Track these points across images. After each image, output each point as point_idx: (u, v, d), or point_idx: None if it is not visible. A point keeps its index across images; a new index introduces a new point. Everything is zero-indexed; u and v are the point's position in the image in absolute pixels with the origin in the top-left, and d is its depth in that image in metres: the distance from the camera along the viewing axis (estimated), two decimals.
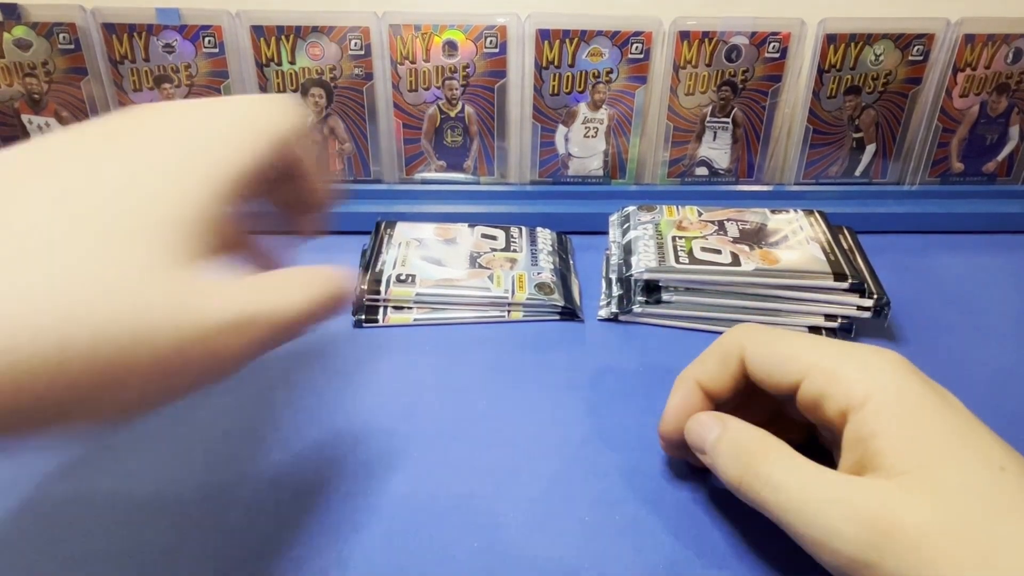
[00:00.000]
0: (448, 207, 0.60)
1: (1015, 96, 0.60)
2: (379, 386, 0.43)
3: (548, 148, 0.61)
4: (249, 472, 0.37)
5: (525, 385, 0.43)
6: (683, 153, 0.62)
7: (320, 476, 0.37)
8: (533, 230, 0.56)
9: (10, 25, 0.55)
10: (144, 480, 0.37)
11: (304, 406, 0.42)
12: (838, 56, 0.57)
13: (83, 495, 0.36)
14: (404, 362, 0.45)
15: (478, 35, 0.56)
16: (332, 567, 0.33)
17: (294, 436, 0.40)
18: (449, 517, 0.35)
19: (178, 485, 0.37)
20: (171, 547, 0.34)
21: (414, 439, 0.39)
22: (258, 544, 0.34)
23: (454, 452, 0.39)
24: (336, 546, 0.34)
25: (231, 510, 0.35)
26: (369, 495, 0.36)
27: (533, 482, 0.37)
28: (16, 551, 0.33)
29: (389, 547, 0.34)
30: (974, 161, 0.62)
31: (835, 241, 0.50)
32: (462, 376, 0.44)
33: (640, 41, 0.57)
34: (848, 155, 0.62)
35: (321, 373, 0.44)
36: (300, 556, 0.33)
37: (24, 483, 0.37)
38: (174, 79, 0.57)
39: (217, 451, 0.39)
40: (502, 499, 0.36)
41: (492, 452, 0.39)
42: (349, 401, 0.42)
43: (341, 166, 0.61)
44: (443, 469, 0.38)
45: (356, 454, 0.39)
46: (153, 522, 0.35)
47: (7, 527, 0.34)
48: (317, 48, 0.56)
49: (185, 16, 0.55)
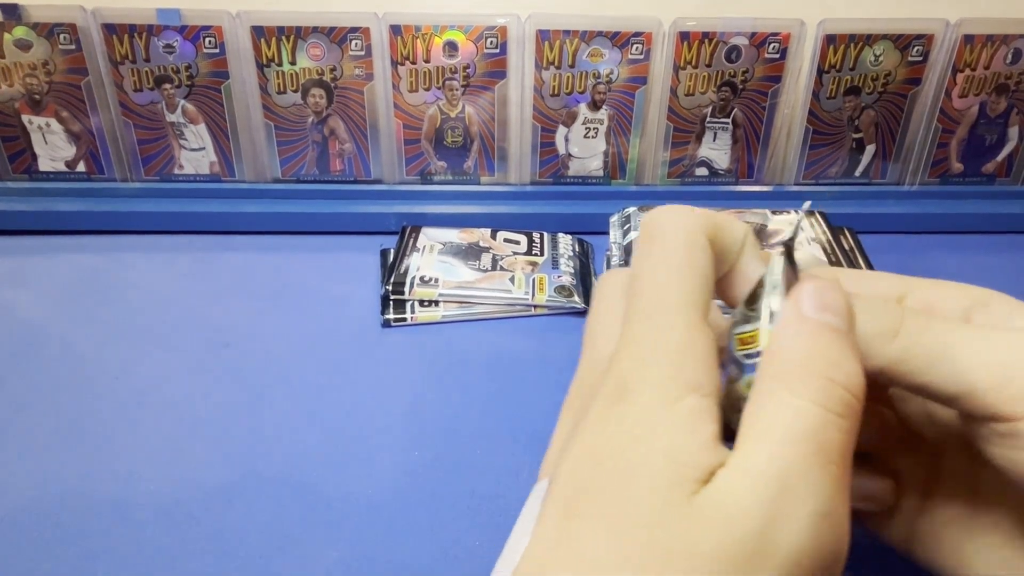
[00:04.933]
0: (448, 207, 0.60)
1: (1014, 97, 0.60)
2: (399, 385, 0.43)
3: (548, 148, 0.61)
4: (250, 472, 0.37)
5: (541, 380, 0.43)
6: (683, 153, 0.62)
7: (321, 476, 0.37)
8: (555, 235, 0.57)
9: (11, 25, 0.55)
10: (144, 480, 0.37)
11: (307, 405, 0.42)
12: (838, 57, 0.58)
13: (84, 495, 0.36)
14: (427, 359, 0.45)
15: (478, 36, 0.56)
16: (335, 567, 0.33)
17: (296, 434, 0.40)
18: (464, 516, 0.35)
19: (178, 485, 0.37)
20: (171, 547, 0.34)
21: (422, 437, 0.40)
22: (259, 544, 0.34)
23: (469, 451, 0.39)
24: (338, 546, 0.34)
25: (231, 510, 0.35)
26: (372, 495, 0.36)
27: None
28: (16, 551, 0.33)
29: (391, 546, 0.34)
30: (973, 161, 0.62)
31: (836, 242, 0.50)
32: (470, 375, 0.44)
33: (640, 41, 0.57)
34: (848, 155, 0.62)
35: (343, 372, 0.44)
36: (303, 555, 0.33)
37: (24, 483, 0.37)
38: (174, 79, 0.57)
39: (218, 451, 0.39)
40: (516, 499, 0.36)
41: (508, 449, 0.39)
42: (363, 400, 0.42)
43: (341, 166, 0.61)
44: (455, 468, 0.38)
45: (358, 453, 0.39)
46: (153, 522, 0.35)
47: (7, 527, 0.34)
48: (317, 48, 0.56)
49: (185, 16, 0.55)
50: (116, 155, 0.60)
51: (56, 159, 0.60)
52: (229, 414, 0.41)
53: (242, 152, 0.60)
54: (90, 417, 0.41)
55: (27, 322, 0.48)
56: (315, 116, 0.59)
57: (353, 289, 0.52)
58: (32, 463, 0.38)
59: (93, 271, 0.54)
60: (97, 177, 0.61)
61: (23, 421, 0.41)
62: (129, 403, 0.42)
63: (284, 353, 0.46)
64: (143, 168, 0.60)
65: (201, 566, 0.33)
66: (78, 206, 0.59)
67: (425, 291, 0.49)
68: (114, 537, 0.34)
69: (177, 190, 0.60)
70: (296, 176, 0.61)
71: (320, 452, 0.39)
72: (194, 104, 0.58)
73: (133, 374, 0.44)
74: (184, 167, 0.61)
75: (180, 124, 0.59)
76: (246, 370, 0.44)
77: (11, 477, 0.37)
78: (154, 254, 0.56)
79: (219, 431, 0.40)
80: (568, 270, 0.52)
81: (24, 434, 0.40)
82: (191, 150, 0.60)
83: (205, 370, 0.44)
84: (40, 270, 0.54)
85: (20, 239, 0.57)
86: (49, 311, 0.50)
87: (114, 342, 0.47)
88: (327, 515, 0.35)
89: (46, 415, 0.41)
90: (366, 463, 0.38)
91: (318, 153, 0.60)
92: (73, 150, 0.60)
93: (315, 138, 0.60)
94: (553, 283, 0.51)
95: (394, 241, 0.55)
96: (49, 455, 0.38)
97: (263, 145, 0.60)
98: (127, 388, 0.43)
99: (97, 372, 0.44)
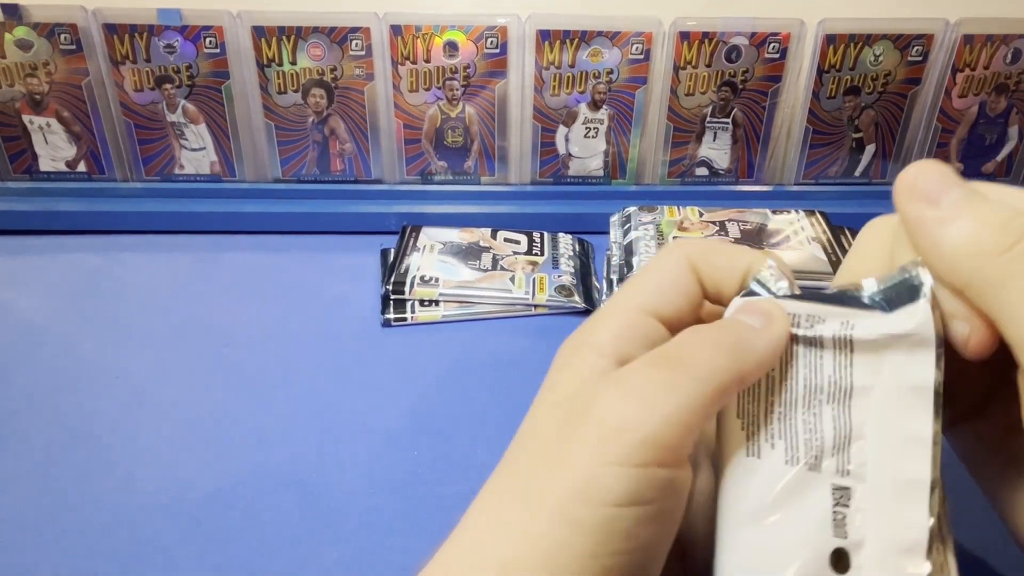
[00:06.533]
0: (449, 207, 0.60)
1: (1014, 96, 0.60)
2: (399, 384, 0.43)
3: (548, 148, 0.61)
4: (250, 472, 0.38)
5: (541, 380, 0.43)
6: (683, 153, 0.62)
7: (321, 476, 0.37)
8: (555, 235, 0.57)
9: (11, 25, 0.55)
10: (144, 480, 0.37)
11: (307, 405, 0.42)
12: (837, 56, 0.58)
13: (84, 495, 0.36)
14: (428, 359, 0.46)
15: (479, 36, 0.56)
16: (335, 567, 0.33)
17: (296, 434, 0.40)
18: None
19: (178, 485, 0.37)
20: (171, 547, 0.34)
21: (422, 437, 0.40)
22: (259, 544, 0.34)
23: (469, 451, 0.39)
24: (338, 546, 0.34)
25: (232, 510, 0.35)
26: (372, 495, 0.36)
27: None
28: (17, 551, 0.33)
29: (391, 546, 0.34)
30: (973, 161, 0.62)
31: (836, 241, 0.50)
32: (470, 374, 0.44)
33: (640, 41, 0.57)
34: (848, 155, 0.62)
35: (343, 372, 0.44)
36: (303, 555, 0.33)
37: (25, 482, 0.37)
38: (175, 79, 0.57)
39: (218, 451, 0.39)
40: None
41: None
42: (363, 400, 0.42)
43: (342, 166, 0.61)
44: (455, 468, 0.38)
45: (358, 453, 0.39)
46: (153, 522, 0.35)
47: (8, 527, 0.35)
48: (318, 48, 0.56)
49: (186, 17, 0.55)
50: (117, 155, 0.60)
51: (57, 159, 0.60)
52: (229, 414, 0.41)
53: (242, 152, 0.60)
54: (90, 417, 0.41)
55: (27, 322, 0.48)
56: (315, 116, 0.59)
57: (353, 289, 0.52)
58: (32, 463, 0.38)
59: (93, 271, 0.54)
60: (98, 177, 0.61)
61: (23, 421, 0.41)
62: (129, 403, 0.42)
63: (284, 353, 0.46)
64: (144, 168, 0.61)
65: (201, 566, 0.33)
66: (79, 206, 0.59)
67: (425, 291, 0.49)
68: (114, 537, 0.34)
69: (177, 190, 0.60)
70: (296, 176, 0.61)
71: (320, 452, 0.39)
72: (195, 104, 0.58)
73: (133, 374, 0.44)
74: (185, 167, 0.61)
75: (181, 124, 0.59)
76: (246, 370, 0.44)
77: (11, 477, 0.37)
78: (154, 254, 0.56)
79: (219, 431, 0.40)
80: (568, 270, 0.52)
81: (24, 434, 0.40)
82: (192, 150, 0.60)
83: (205, 370, 0.44)
84: (40, 270, 0.54)
85: (21, 239, 0.57)
86: (49, 311, 0.50)
87: (114, 342, 0.47)
88: (327, 515, 0.35)
89: (46, 415, 0.41)
90: (366, 463, 0.38)
91: (318, 153, 0.60)
92: (74, 150, 0.60)
93: (315, 138, 0.60)
94: (553, 283, 0.51)
95: (394, 241, 0.55)
96: (49, 455, 0.38)
97: (263, 145, 0.60)
98: (127, 388, 0.43)
99: (97, 372, 0.44)
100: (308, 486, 0.37)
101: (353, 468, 0.38)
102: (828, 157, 0.62)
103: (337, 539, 0.34)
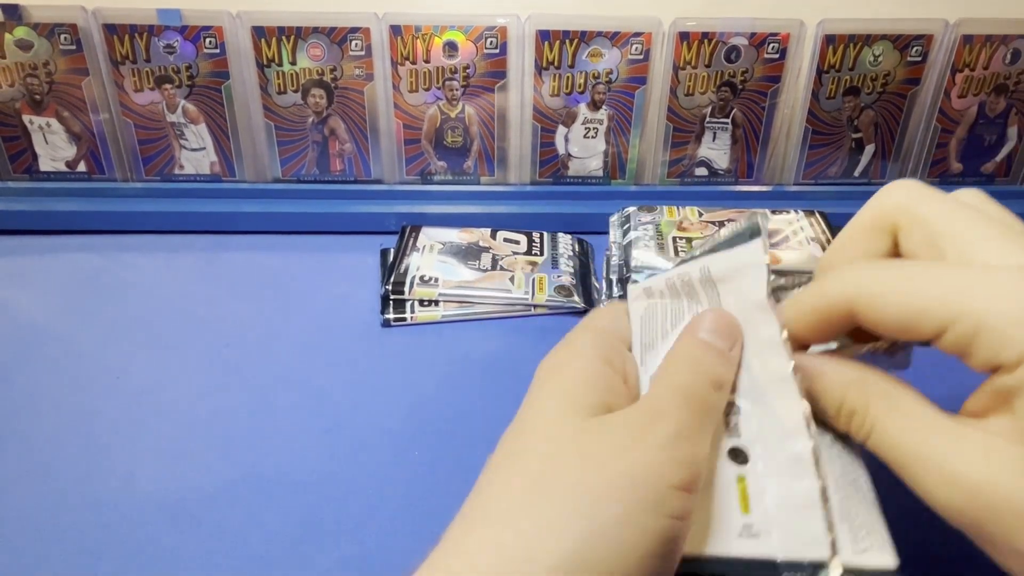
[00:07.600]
0: (448, 207, 0.60)
1: (1013, 97, 0.60)
2: (399, 385, 0.44)
3: (548, 148, 0.61)
4: (250, 472, 0.38)
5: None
6: (683, 153, 0.62)
7: (321, 476, 0.37)
8: (555, 235, 0.57)
9: (11, 26, 0.55)
10: (144, 480, 0.37)
11: (307, 405, 0.42)
12: (837, 57, 0.58)
13: (84, 495, 0.36)
14: (427, 359, 0.46)
15: (478, 36, 0.56)
16: (335, 567, 0.33)
17: (296, 434, 0.40)
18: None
19: (178, 485, 0.37)
20: (172, 547, 0.34)
21: (422, 437, 0.40)
22: (259, 544, 0.34)
23: (469, 451, 0.39)
24: (338, 545, 0.34)
25: (232, 510, 0.35)
26: (372, 495, 0.36)
27: None
28: (17, 550, 0.33)
29: (391, 546, 0.34)
30: (973, 161, 0.62)
31: None
32: (470, 374, 0.44)
33: (640, 42, 0.57)
34: (847, 155, 0.62)
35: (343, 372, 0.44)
36: (303, 554, 0.33)
37: (25, 482, 0.37)
38: (175, 80, 0.57)
39: (218, 451, 0.39)
40: None
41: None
42: (363, 400, 0.42)
43: (341, 166, 0.61)
44: (455, 468, 0.38)
45: (358, 453, 0.39)
46: (153, 522, 0.35)
47: (8, 527, 0.35)
48: (318, 48, 0.56)
49: (186, 17, 0.55)
50: (117, 155, 0.60)
51: (57, 159, 0.60)
52: (229, 414, 0.41)
53: (242, 152, 0.60)
54: (90, 417, 0.41)
55: (28, 322, 0.48)
56: (315, 116, 0.59)
57: (353, 289, 0.52)
58: (32, 463, 0.38)
59: (94, 271, 0.54)
60: (98, 177, 0.61)
61: (23, 421, 0.41)
62: (129, 403, 0.42)
63: (284, 353, 0.46)
64: (143, 168, 0.61)
65: (201, 566, 0.33)
66: (78, 206, 0.59)
67: (425, 291, 0.49)
68: (114, 537, 0.34)
69: (177, 190, 0.60)
70: (296, 176, 0.61)
71: (320, 452, 0.39)
72: (194, 104, 0.58)
73: (133, 374, 0.44)
74: (184, 167, 0.61)
75: (180, 124, 0.59)
76: (246, 370, 0.44)
77: (11, 477, 0.37)
78: (154, 254, 0.56)
79: (219, 431, 0.40)
80: (568, 270, 0.52)
81: (24, 434, 0.40)
82: (191, 150, 0.60)
83: (205, 370, 0.44)
84: (40, 270, 0.54)
85: (21, 239, 0.57)
86: (49, 311, 0.50)
87: (114, 342, 0.47)
88: (327, 515, 0.35)
89: (46, 415, 0.41)
90: (366, 463, 0.38)
91: (318, 153, 0.60)
92: (74, 150, 0.60)
93: (315, 138, 0.60)
94: (553, 283, 0.51)
95: (394, 241, 0.55)
96: (49, 455, 0.38)
97: (263, 145, 0.60)
98: (127, 388, 0.43)
99: (97, 372, 0.44)
100: (308, 486, 0.37)
101: (353, 468, 0.38)
102: (827, 157, 0.62)
103: (337, 539, 0.34)
